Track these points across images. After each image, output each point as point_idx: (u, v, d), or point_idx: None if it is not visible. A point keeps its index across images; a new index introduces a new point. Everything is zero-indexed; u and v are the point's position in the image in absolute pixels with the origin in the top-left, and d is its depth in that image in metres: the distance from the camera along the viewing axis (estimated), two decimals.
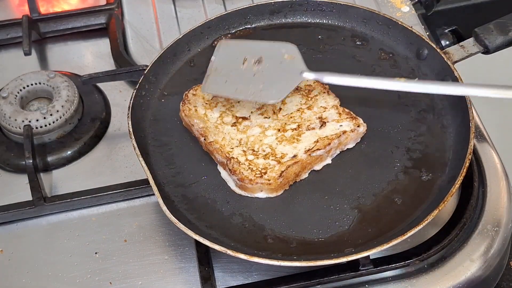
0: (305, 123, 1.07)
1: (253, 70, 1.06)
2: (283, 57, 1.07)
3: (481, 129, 1.17)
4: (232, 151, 1.04)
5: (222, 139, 1.06)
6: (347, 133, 1.05)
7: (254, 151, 1.05)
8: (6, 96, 1.19)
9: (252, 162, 1.03)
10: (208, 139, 1.06)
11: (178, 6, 1.41)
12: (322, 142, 1.04)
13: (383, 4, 1.40)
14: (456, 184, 0.97)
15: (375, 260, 0.99)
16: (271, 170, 1.02)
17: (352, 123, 1.06)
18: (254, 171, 1.02)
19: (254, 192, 1.02)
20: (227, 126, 1.08)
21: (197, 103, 1.11)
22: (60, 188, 1.13)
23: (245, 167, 1.02)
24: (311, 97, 1.11)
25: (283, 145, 1.05)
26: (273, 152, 1.04)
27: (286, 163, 1.02)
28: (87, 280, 1.02)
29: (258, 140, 1.06)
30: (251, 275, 1.01)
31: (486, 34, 1.14)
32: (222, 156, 1.04)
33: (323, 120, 1.07)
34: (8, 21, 1.37)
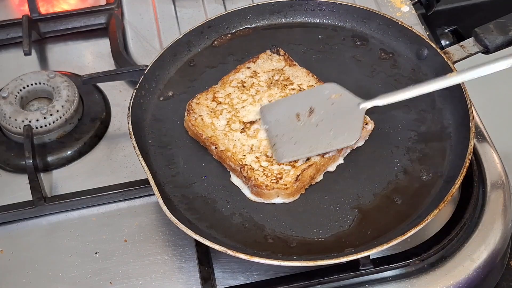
0: None
1: (312, 122, 1.05)
2: (331, 97, 1.07)
3: (481, 129, 1.17)
4: (244, 158, 1.03)
5: (233, 146, 1.05)
6: None
7: (267, 156, 1.03)
8: (6, 96, 1.19)
9: (267, 168, 1.02)
10: (219, 148, 1.05)
11: (178, 6, 1.41)
12: None
13: (383, 4, 1.40)
14: (456, 184, 0.97)
15: (375, 260, 0.99)
16: (286, 175, 1.01)
17: None
18: (270, 176, 1.01)
19: (270, 198, 1.01)
20: (236, 133, 1.07)
21: (202, 112, 1.10)
22: (60, 188, 1.13)
23: (260, 173, 1.01)
24: None
25: None
26: None
27: (300, 167, 1.01)
28: (87, 280, 1.02)
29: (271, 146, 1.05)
30: (251, 275, 1.01)
31: (486, 34, 1.14)
32: (235, 163, 1.03)
33: None
34: (8, 21, 1.37)
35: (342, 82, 1.11)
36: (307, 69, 1.15)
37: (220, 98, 1.12)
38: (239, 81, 1.14)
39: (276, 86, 1.13)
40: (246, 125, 1.08)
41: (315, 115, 1.05)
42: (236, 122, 1.08)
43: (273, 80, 1.13)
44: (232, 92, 1.13)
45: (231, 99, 1.12)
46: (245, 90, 1.13)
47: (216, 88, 1.13)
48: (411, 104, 1.12)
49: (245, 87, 1.13)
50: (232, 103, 1.11)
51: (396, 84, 1.15)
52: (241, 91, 1.13)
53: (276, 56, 1.17)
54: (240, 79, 1.14)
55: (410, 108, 1.12)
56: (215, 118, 1.09)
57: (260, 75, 1.15)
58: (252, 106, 1.10)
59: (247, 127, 1.08)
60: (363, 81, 1.16)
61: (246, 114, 1.10)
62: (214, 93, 1.12)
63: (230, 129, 1.07)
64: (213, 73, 1.19)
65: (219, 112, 1.10)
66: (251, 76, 1.14)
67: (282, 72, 1.14)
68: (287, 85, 1.12)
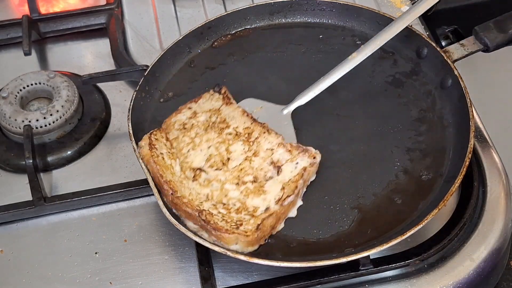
0: (260, 173, 1.00)
1: None
2: (253, 112, 1.08)
3: (481, 128, 1.17)
4: (202, 205, 0.97)
5: (189, 194, 0.99)
6: (307, 169, 1.00)
7: (224, 204, 0.98)
8: (6, 96, 1.19)
9: (226, 215, 0.96)
10: (176, 194, 0.97)
11: (178, 6, 1.41)
12: (288, 187, 0.98)
13: (383, 4, 1.40)
14: (456, 183, 0.97)
15: (375, 260, 0.99)
16: (246, 223, 0.95)
17: (306, 157, 1.01)
18: (229, 222, 0.95)
19: (229, 244, 0.94)
20: (190, 181, 1.00)
21: (162, 150, 1.03)
22: (60, 188, 1.13)
23: (219, 218, 0.95)
24: (252, 141, 1.04)
25: (251, 199, 0.98)
26: (244, 206, 0.98)
27: (260, 217, 0.96)
28: (87, 280, 1.02)
29: (223, 195, 0.99)
30: (251, 275, 1.01)
31: (486, 32, 1.14)
32: (192, 209, 0.96)
33: (277, 165, 1.01)
34: (8, 21, 1.37)
35: (342, 82, 1.11)
36: (238, 106, 1.09)
37: (172, 139, 1.06)
38: (181, 123, 1.08)
39: (213, 129, 1.06)
40: (196, 172, 1.01)
41: None
42: (188, 169, 1.02)
43: (210, 123, 1.07)
44: (177, 135, 1.06)
45: (178, 143, 1.05)
46: (186, 132, 1.06)
47: (159, 129, 1.07)
48: (411, 103, 1.12)
49: (185, 129, 1.07)
50: (179, 147, 1.05)
51: (396, 83, 1.15)
52: (182, 133, 1.06)
53: (217, 95, 1.10)
54: (182, 121, 1.08)
55: (410, 108, 1.12)
56: (173, 160, 1.03)
57: (199, 115, 1.08)
58: (194, 152, 1.04)
59: (197, 174, 1.01)
60: (363, 81, 1.16)
61: (192, 159, 1.03)
62: (166, 134, 1.06)
63: (185, 176, 1.01)
64: (213, 74, 1.19)
65: (174, 155, 1.04)
66: (190, 117, 1.08)
67: (219, 112, 1.08)
68: (223, 128, 1.06)
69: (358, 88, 1.14)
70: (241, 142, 1.04)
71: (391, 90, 1.15)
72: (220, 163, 1.02)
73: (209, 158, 1.03)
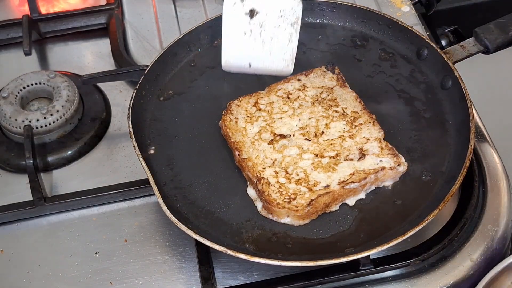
0: (344, 152, 1.03)
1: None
2: None
3: (481, 129, 1.17)
4: (263, 171, 1.02)
5: (256, 157, 1.04)
6: (385, 170, 1.01)
7: (287, 173, 1.02)
8: (6, 96, 1.19)
9: (283, 185, 1.00)
10: (242, 155, 1.04)
11: (178, 6, 1.41)
12: (358, 175, 1.00)
13: (383, 4, 1.40)
14: (456, 184, 0.97)
15: (376, 260, 0.99)
16: (300, 197, 0.98)
17: (392, 161, 1.02)
18: (283, 195, 0.99)
19: (279, 217, 0.99)
20: (264, 143, 1.06)
21: (239, 115, 1.09)
22: (61, 188, 1.13)
23: (275, 190, 0.99)
24: (355, 125, 1.07)
25: (318, 172, 1.01)
26: (306, 178, 1.01)
27: (317, 192, 0.98)
28: (87, 280, 1.02)
29: (293, 162, 1.03)
30: (251, 275, 1.01)
31: (487, 34, 1.14)
32: (253, 174, 1.02)
33: (363, 152, 1.03)
34: (9, 21, 1.37)
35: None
36: (353, 91, 1.12)
37: (262, 104, 1.11)
38: (286, 91, 1.13)
39: (321, 104, 1.10)
40: (275, 138, 1.06)
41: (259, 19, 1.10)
42: (268, 132, 1.07)
43: (320, 98, 1.11)
44: (276, 101, 1.11)
45: (271, 108, 1.11)
46: (288, 102, 1.11)
47: (261, 94, 1.13)
48: (412, 104, 1.12)
49: (289, 98, 1.12)
50: (271, 112, 1.10)
51: (396, 84, 1.15)
52: (284, 102, 1.11)
53: (329, 74, 1.15)
54: (287, 90, 1.13)
55: (411, 109, 1.12)
56: (249, 124, 1.08)
57: (309, 89, 1.13)
58: (290, 119, 1.09)
59: (276, 139, 1.06)
60: (363, 81, 1.16)
61: (281, 126, 1.08)
62: (257, 99, 1.12)
63: (259, 137, 1.06)
64: (213, 73, 1.19)
65: (255, 119, 1.09)
66: (299, 89, 1.13)
67: (331, 91, 1.12)
68: (331, 105, 1.10)
69: (358, 88, 1.14)
70: (344, 122, 1.08)
71: (391, 90, 1.15)
72: (313, 134, 1.07)
73: (304, 127, 1.07)
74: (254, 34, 1.13)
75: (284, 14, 1.12)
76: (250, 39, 1.13)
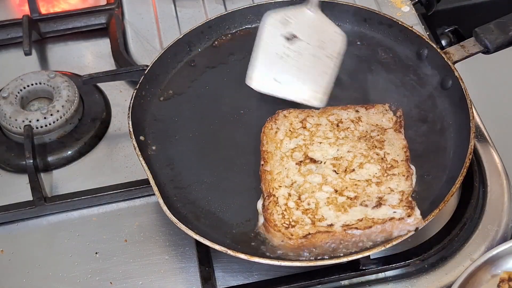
0: (363, 197, 0.98)
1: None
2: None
3: (481, 129, 1.17)
4: (278, 189, 0.99)
5: (278, 172, 1.01)
6: (393, 220, 0.93)
7: (299, 199, 0.98)
8: (6, 96, 1.19)
9: (289, 209, 0.97)
10: (265, 166, 1.02)
11: (178, 6, 1.41)
12: (365, 222, 0.94)
13: (383, 4, 1.40)
14: (456, 184, 0.97)
15: (376, 260, 0.99)
16: (300, 227, 0.95)
17: (404, 212, 0.94)
18: (285, 219, 0.96)
19: (273, 239, 0.95)
20: (292, 162, 1.03)
21: (282, 126, 1.07)
22: (61, 188, 1.13)
23: (279, 211, 0.96)
24: (388, 174, 1.01)
25: (329, 208, 0.97)
26: (315, 211, 0.97)
27: (318, 227, 0.94)
28: (87, 280, 1.02)
29: (311, 191, 0.99)
30: (251, 275, 1.01)
31: (487, 34, 1.14)
32: (266, 189, 1.00)
33: (381, 202, 0.97)
34: (9, 21, 1.37)
35: (342, 82, 1.11)
36: (405, 139, 1.05)
37: (309, 123, 1.07)
38: (339, 118, 1.08)
39: (366, 142, 1.05)
40: (305, 160, 1.03)
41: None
42: (301, 152, 1.04)
43: (368, 135, 1.06)
44: (324, 124, 1.07)
45: (317, 130, 1.07)
46: (336, 129, 1.07)
47: (313, 112, 1.09)
48: (412, 104, 1.12)
49: (338, 126, 1.07)
50: (314, 133, 1.06)
51: (396, 84, 1.15)
52: (332, 128, 1.07)
53: (390, 114, 1.09)
54: (341, 117, 1.08)
55: (411, 109, 1.12)
56: (288, 138, 1.06)
57: (362, 124, 1.08)
58: (328, 147, 1.04)
59: (305, 162, 1.03)
60: (363, 82, 1.16)
61: (317, 150, 1.04)
62: (307, 116, 1.08)
63: (290, 155, 1.04)
64: (213, 73, 1.19)
65: (295, 135, 1.06)
66: (352, 120, 1.08)
67: (383, 132, 1.06)
68: (376, 146, 1.04)
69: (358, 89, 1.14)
70: (379, 167, 1.02)
71: (391, 90, 1.15)
72: (343, 168, 1.02)
73: (338, 158, 1.03)
74: (290, 59, 1.09)
75: (326, 45, 1.08)
76: (285, 63, 1.09)
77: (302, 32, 1.09)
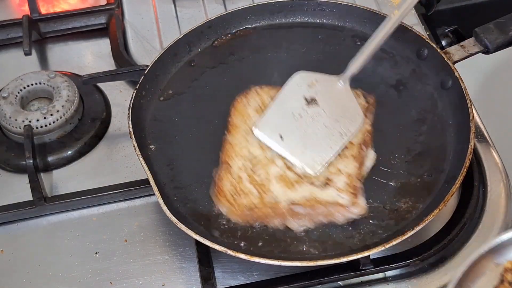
0: (312, 176, 1.01)
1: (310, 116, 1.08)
2: (313, 85, 1.09)
3: (481, 129, 1.17)
4: (234, 159, 1.02)
5: (238, 144, 1.03)
6: (337, 205, 0.97)
7: (253, 171, 1.01)
8: (6, 96, 1.19)
9: (241, 180, 1.00)
10: (228, 137, 1.04)
11: (178, 6, 1.41)
12: (310, 201, 0.97)
13: (383, 4, 1.40)
14: (456, 184, 0.97)
15: (375, 260, 0.99)
16: (246, 197, 0.98)
17: (349, 199, 0.97)
18: (234, 187, 0.99)
19: (219, 204, 0.98)
20: (252, 137, 1.05)
21: (252, 101, 1.09)
22: (61, 188, 1.13)
23: (230, 179, 0.99)
24: (340, 155, 1.03)
25: (278, 184, 1.00)
26: (265, 185, 1.00)
27: (264, 201, 0.98)
28: (87, 280, 1.02)
29: (265, 164, 1.02)
30: (251, 275, 1.01)
31: (487, 34, 1.14)
32: (223, 158, 1.02)
33: (327, 182, 1.00)
34: (9, 21, 1.37)
35: None
36: (370, 125, 1.08)
37: None
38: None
39: None
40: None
41: (313, 108, 1.05)
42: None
43: None
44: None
45: None
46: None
47: None
48: (412, 104, 1.12)
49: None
50: None
51: (396, 84, 1.15)
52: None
53: (362, 99, 1.11)
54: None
55: (411, 109, 1.12)
56: (255, 113, 1.08)
57: None
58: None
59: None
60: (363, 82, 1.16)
61: None
62: None
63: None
64: (213, 73, 1.19)
65: (262, 111, 1.08)
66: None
67: None
68: None
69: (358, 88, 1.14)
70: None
71: (391, 90, 1.15)
72: None
73: None
74: (302, 121, 1.07)
75: (342, 120, 1.06)
76: (295, 123, 1.07)
77: (323, 100, 1.08)
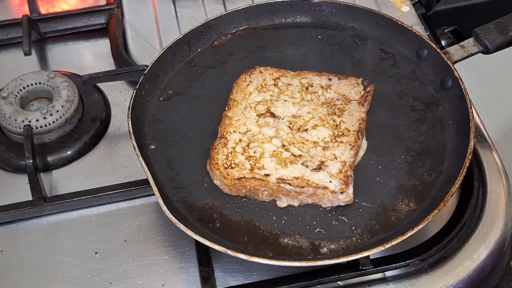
0: (307, 157, 1.03)
1: None
2: None
3: (481, 129, 1.17)
4: (232, 134, 1.06)
5: (236, 119, 1.07)
6: (326, 190, 0.98)
7: (247, 145, 1.05)
8: (6, 96, 1.19)
9: (235, 153, 1.04)
10: (228, 112, 1.08)
11: (178, 6, 1.41)
12: (299, 181, 0.99)
13: (383, 4, 1.40)
14: (456, 184, 0.97)
15: (375, 260, 0.99)
16: (238, 170, 1.01)
17: (339, 186, 0.99)
18: (227, 160, 1.02)
19: (214, 175, 1.02)
20: (253, 113, 1.09)
21: (255, 80, 1.12)
22: (60, 188, 1.13)
23: (225, 152, 1.03)
24: (336, 141, 1.05)
25: (271, 160, 1.02)
26: (258, 159, 1.03)
27: (254, 174, 1.00)
28: (87, 280, 1.02)
29: (261, 141, 1.05)
30: (251, 275, 1.01)
31: (486, 34, 1.14)
32: (220, 132, 1.06)
33: (321, 166, 1.01)
34: (8, 21, 1.37)
35: None
36: (365, 113, 1.09)
37: (281, 82, 1.13)
38: (311, 82, 1.13)
39: (328, 108, 1.09)
40: (266, 113, 1.09)
41: None
42: (265, 106, 1.10)
43: (332, 103, 1.10)
44: (295, 85, 1.13)
45: (286, 89, 1.12)
46: (304, 91, 1.12)
47: (288, 73, 1.15)
48: (411, 104, 1.12)
49: (308, 89, 1.12)
50: (283, 91, 1.12)
51: (396, 84, 1.15)
52: (300, 89, 1.12)
53: (361, 88, 1.12)
54: (313, 82, 1.13)
55: (410, 109, 1.12)
56: (257, 91, 1.11)
57: (330, 91, 1.12)
58: (292, 106, 1.10)
59: (265, 115, 1.09)
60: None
61: (279, 107, 1.10)
62: (281, 75, 1.14)
63: (254, 106, 1.10)
64: (213, 73, 1.19)
65: (265, 90, 1.12)
66: (322, 86, 1.13)
67: (347, 103, 1.10)
68: (335, 114, 1.08)
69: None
70: (331, 132, 1.06)
71: (391, 90, 1.15)
72: (297, 126, 1.07)
73: (296, 117, 1.08)
74: None
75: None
76: None
77: None
